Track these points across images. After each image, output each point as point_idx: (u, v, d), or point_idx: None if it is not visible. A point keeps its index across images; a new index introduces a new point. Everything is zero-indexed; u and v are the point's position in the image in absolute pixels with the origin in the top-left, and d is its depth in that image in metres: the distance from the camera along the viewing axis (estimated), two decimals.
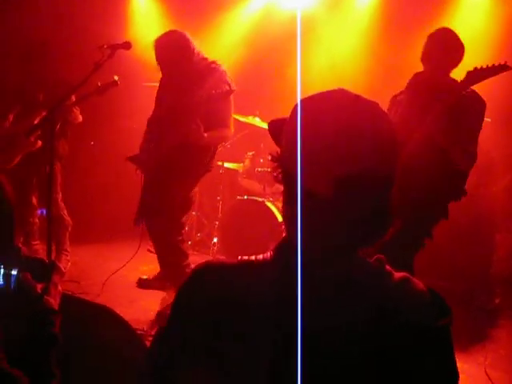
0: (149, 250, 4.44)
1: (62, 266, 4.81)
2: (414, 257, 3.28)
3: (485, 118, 4.67)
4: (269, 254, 1.13)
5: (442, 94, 3.20)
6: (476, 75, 3.13)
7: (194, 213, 5.73)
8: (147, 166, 4.05)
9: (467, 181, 3.41)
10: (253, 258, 1.14)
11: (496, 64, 3.10)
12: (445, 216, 3.33)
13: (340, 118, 1.05)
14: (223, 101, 3.85)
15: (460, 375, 3.37)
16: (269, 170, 4.98)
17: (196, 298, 1.12)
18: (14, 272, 1.46)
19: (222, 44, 6.47)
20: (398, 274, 1.10)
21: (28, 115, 4.81)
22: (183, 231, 4.31)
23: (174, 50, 3.96)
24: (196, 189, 4.42)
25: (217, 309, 1.08)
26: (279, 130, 1.13)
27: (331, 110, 1.07)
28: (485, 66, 3.13)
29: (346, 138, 1.03)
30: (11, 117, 4.94)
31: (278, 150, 1.14)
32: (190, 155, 3.94)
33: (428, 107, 3.19)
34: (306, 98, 1.11)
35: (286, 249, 1.11)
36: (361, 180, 1.02)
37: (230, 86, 3.89)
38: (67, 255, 4.97)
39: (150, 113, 4.21)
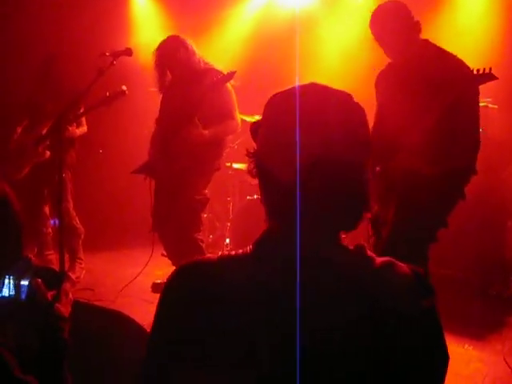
0: (163, 255, 4.45)
1: (76, 274, 4.85)
2: (428, 249, 3.15)
3: (491, 105, 4.65)
4: (248, 248, 1.13)
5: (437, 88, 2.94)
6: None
7: (205, 215, 5.74)
8: (157, 171, 4.08)
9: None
10: (233, 252, 1.15)
11: (481, 72, 2.89)
12: (462, 197, 3.12)
13: (306, 109, 1.07)
14: (226, 91, 3.96)
15: (478, 364, 3.36)
16: None
17: (178, 295, 1.12)
18: (24, 282, 1.47)
19: (225, 44, 6.48)
20: (379, 259, 1.10)
21: (36, 126, 4.86)
22: (202, 229, 4.34)
23: (173, 54, 4.05)
24: (206, 191, 4.43)
25: (197, 305, 1.08)
26: (257, 128, 1.17)
27: (298, 102, 1.08)
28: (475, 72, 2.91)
29: (311, 126, 1.06)
30: (19, 129, 4.99)
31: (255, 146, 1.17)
32: (197, 154, 3.98)
33: (420, 97, 2.98)
34: (277, 93, 1.15)
35: (265, 242, 1.12)
36: (328, 166, 1.05)
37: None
38: (81, 263, 5.01)
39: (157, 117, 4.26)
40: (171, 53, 4.06)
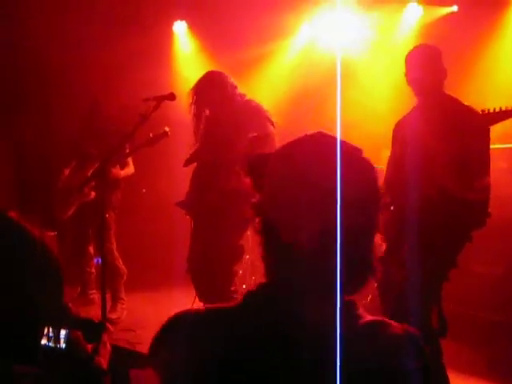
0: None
1: (117, 314, 4.87)
2: (442, 288, 3.20)
3: None
4: (237, 301, 1.12)
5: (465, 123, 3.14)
6: (486, 119, 3.13)
7: (247, 256, 5.70)
8: (194, 211, 4.06)
9: None
10: (220, 305, 1.14)
11: (504, 108, 3.10)
12: (468, 240, 3.21)
13: (326, 171, 1.04)
14: (266, 143, 3.78)
15: None
16: None
17: (165, 349, 1.13)
18: (63, 332, 1.47)
19: (264, 84, 6.52)
20: (368, 318, 1.07)
21: (82, 168, 4.97)
22: (236, 280, 4.18)
23: (213, 89, 3.94)
24: (248, 232, 4.37)
25: (188, 362, 1.07)
26: (261, 170, 1.13)
27: (316, 162, 1.06)
28: (492, 110, 3.13)
29: (324, 190, 1.03)
30: (67, 171, 5.12)
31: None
32: (235, 201, 3.86)
33: (443, 133, 3.13)
34: (287, 147, 1.12)
35: (255, 296, 1.10)
36: (343, 231, 1.02)
37: (272, 124, 3.87)
38: (123, 304, 5.03)
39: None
40: (211, 88, 3.94)
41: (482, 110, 3.16)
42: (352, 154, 1.09)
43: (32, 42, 5.95)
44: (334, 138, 1.10)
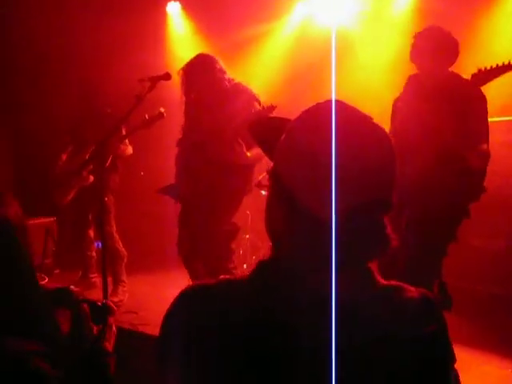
0: None
1: (119, 297, 4.87)
2: (442, 262, 3.27)
3: None
4: (248, 272, 1.11)
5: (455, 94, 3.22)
6: (481, 77, 3.13)
7: (247, 236, 5.71)
8: (187, 194, 4.05)
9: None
10: (232, 277, 1.14)
11: (500, 64, 3.08)
12: (466, 216, 3.27)
13: (353, 146, 1.01)
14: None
15: None
16: None
17: (178, 322, 1.11)
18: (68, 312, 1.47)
19: (261, 62, 6.49)
20: (383, 283, 1.07)
21: (79, 152, 4.96)
22: (234, 258, 4.18)
23: (202, 73, 3.93)
24: (247, 211, 4.36)
25: (195, 333, 1.07)
26: (270, 135, 1.12)
27: (331, 131, 1.01)
28: (489, 68, 3.12)
29: (362, 168, 1.01)
30: (64, 156, 5.11)
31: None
32: (229, 177, 3.88)
33: (441, 109, 3.18)
34: (305, 116, 1.09)
35: (265, 267, 1.09)
36: (369, 207, 1.02)
37: (260, 104, 3.88)
38: (124, 286, 5.03)
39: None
40: (200, 72, 3.93)
41: (479, 69, 3.15)
42: (366, 122, 1.07)
43: (29, 27, 5.90)
44: (350, 107, 1.08)
